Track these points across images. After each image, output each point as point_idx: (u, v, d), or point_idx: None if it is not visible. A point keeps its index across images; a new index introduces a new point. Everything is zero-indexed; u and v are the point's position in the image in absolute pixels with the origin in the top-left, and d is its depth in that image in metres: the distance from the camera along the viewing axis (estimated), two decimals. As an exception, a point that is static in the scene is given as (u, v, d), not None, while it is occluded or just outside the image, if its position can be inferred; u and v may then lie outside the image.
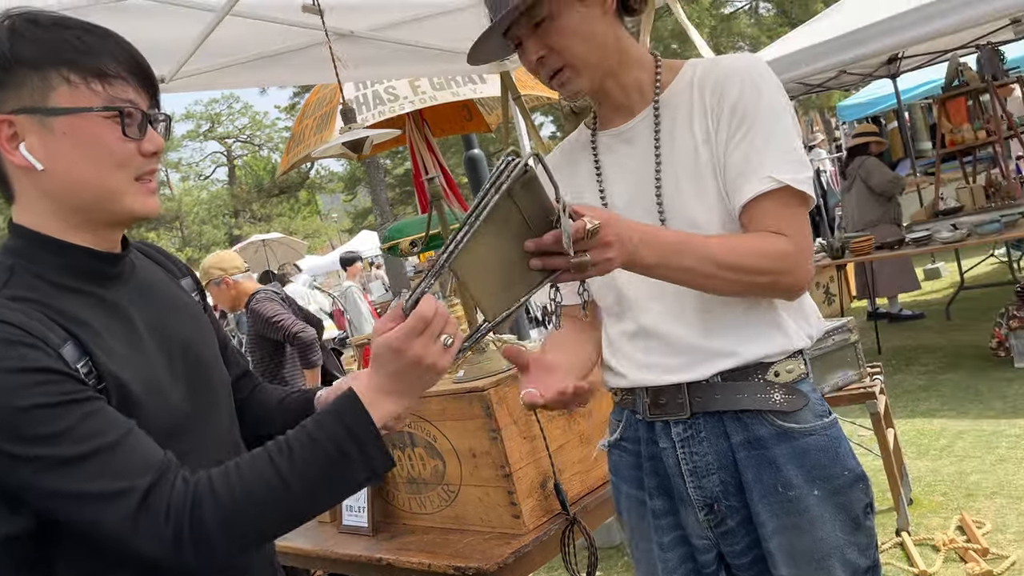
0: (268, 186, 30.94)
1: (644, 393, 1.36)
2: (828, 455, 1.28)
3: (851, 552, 1.29)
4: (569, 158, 1.45)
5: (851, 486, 1.29)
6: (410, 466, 2.11)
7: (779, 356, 1.29)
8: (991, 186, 6.17)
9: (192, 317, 1.21)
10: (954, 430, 4.20)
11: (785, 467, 1.26)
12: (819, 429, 1.28)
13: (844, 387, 3.31)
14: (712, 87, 1.27)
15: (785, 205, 1.23)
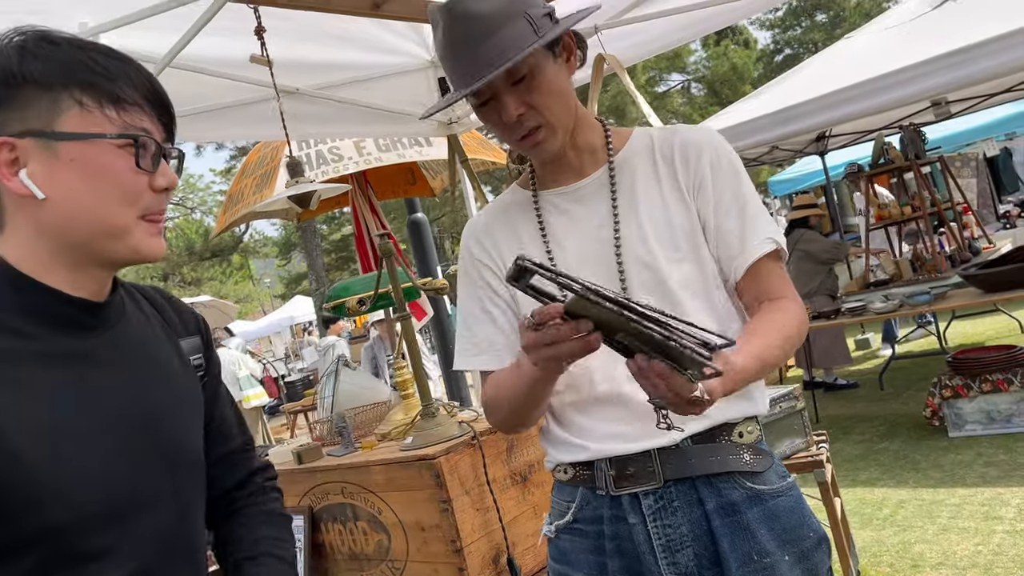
0: (200, 249, 30.30)
1: (607, 465, 1.28)
2: (796, 517, 1.26)
3: None
4: (505, 218, 1.39)
5: (816, 548, 1.27)
6: (351, 541, 1.97)
7: (739, 418, 1.28)
8: (917, 259, 6.39)
9: (174, 387, 1.09)
10: (895, 499, 4.21)
11: (759, 532, 1.23)
12: (785, 490, 1.28)
13: (792, 455, 3.28)
14: (680, 155, 1.30)
15: (780, 265, 1.30)
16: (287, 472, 2.09)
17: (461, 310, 1.40)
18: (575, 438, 1.30)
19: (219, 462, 1.21)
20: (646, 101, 3.34)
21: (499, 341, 1.35)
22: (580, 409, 1.29)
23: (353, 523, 1.95)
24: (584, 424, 1.29)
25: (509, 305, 1.36)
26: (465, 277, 1.40)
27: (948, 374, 4.87)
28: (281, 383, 9.45)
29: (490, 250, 1.37)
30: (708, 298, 1.28)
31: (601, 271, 1.27)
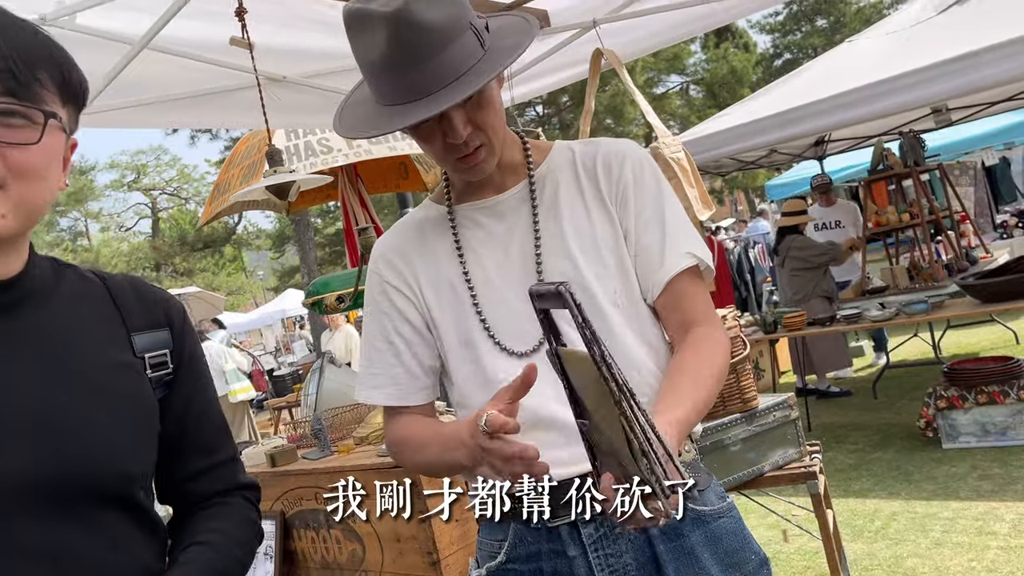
0: (192, 240, 30.15)
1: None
2: (738, 539, 1.22)
3: None
4: (418, 236, 1.31)
5: (757, 572, 1.23)
6: (324, 549, 1.88)
7: None
8: (914, 268, 6.33)
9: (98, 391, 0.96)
10: (887, 511, 4.13)
11: (703, 557, 1.18)
12: (725, 511, 1.24)
13: (785, 465, 3.20)
14: (603, 166, 1.26)
15: (700, 283, 1.25)
16: (259, 475, 2.00)
17: (365, 339, 1.32)
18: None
19: (198, 476, 1.09)
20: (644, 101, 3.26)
21: (400, 376, 1.27)
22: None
23: (327, 531, 1.87)
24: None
25: (417, 333, 1.28)
26: (371, 303, 1.31)
27: (943, 384, 4.80)
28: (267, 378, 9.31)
29: (403, 272, 1.28)
30: (636, 313, 1.24)
31: (520, 288, 1.19)
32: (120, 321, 1.04)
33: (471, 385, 1.24)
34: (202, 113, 2.85)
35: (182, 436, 1.07)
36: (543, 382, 1.16)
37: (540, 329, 1.17)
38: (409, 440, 1.23)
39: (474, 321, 1.22)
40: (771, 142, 6.20)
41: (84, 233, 34.15)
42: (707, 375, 1.15)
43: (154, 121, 2.71)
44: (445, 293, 1.25)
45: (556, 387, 1.15)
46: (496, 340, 1.21)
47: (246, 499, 1.14)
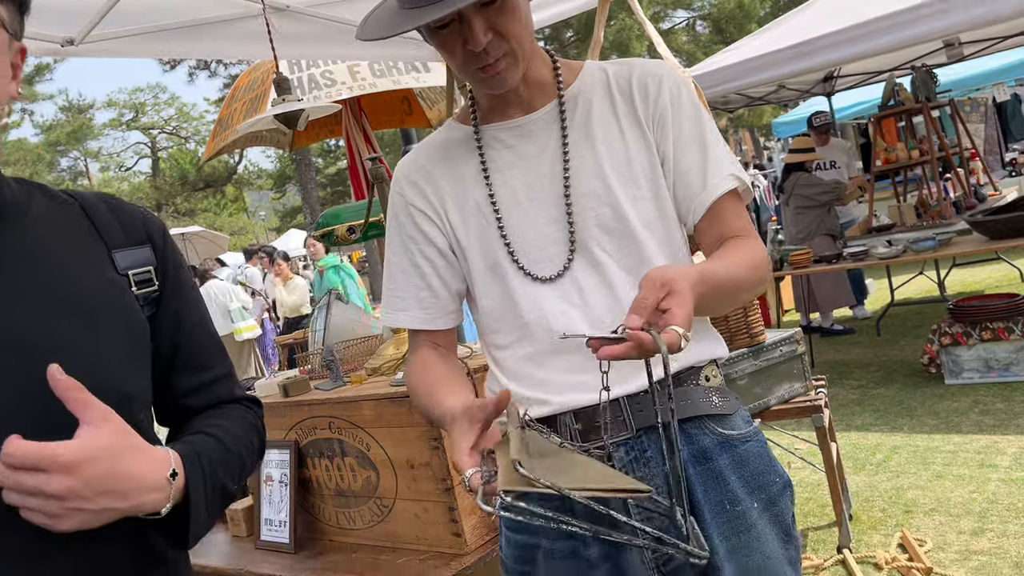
0: (193, 180, 29.97)
1: (572, 419, 1.18)
2: (763, 462, 1.23)
3: (787, 567, 1.22)
4: (443, 156, 1.28)
5: (782, 494, 1.24)
6: (339, 477, 1.91)
7: (704, 360, 1.23)
8: (922, 205, 6.28)
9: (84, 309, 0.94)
10: (889, 445, 4.18)
11: (730, 479, 1.19)
12: (752, 435, 1.24)
13: (791, 399, 3.23)
14: (639, 88, 1.22)
15: (741, 204, 1.23)
16: (273, 405, 2.01)
17: (389, 262, 1.30)
18: (532, 392, 1.20)
19: (193, 392, 1.08)
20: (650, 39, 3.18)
21: (427, 298, 1.26)
22: (537, 361, 1.20)
23: (341, 459, 1.89)
24: (542, 377, 1.20)
25: (443, 256, 1.26)
26: (395, 225, 1.29)
27: (948, 321, 4.81)
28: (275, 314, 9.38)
29: (428, 194, 1.26)
30: (669, 238, 1.22)
31: (549, 208, 1.19)
32: (98, 238, 1.00)
33: (498, 312, 1.22)
34: (202, 44, 2.78)
35: (175, 354, 1.06)
36: (570, 306, 1.17)
37: (567, 253, 1.18)
38: (417, 388, 1.23)
39: (499, 245, 1.20)
40: (779, 77, 6.09)
41: (84, 173, 33.90)
42: (740, 260, 1.13)
43: (153, 50, 2.65)
44: (471, 216, 1.22)
45: (584, 311, 1.17)
46: (520, 265, 1.19)
47: (246, 407, 1.13)
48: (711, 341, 1.25)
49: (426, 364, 1.25)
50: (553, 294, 1.18)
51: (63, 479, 0.80)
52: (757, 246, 1.19)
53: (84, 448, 0.82)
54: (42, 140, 30.38)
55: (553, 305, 1.18)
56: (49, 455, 0.80)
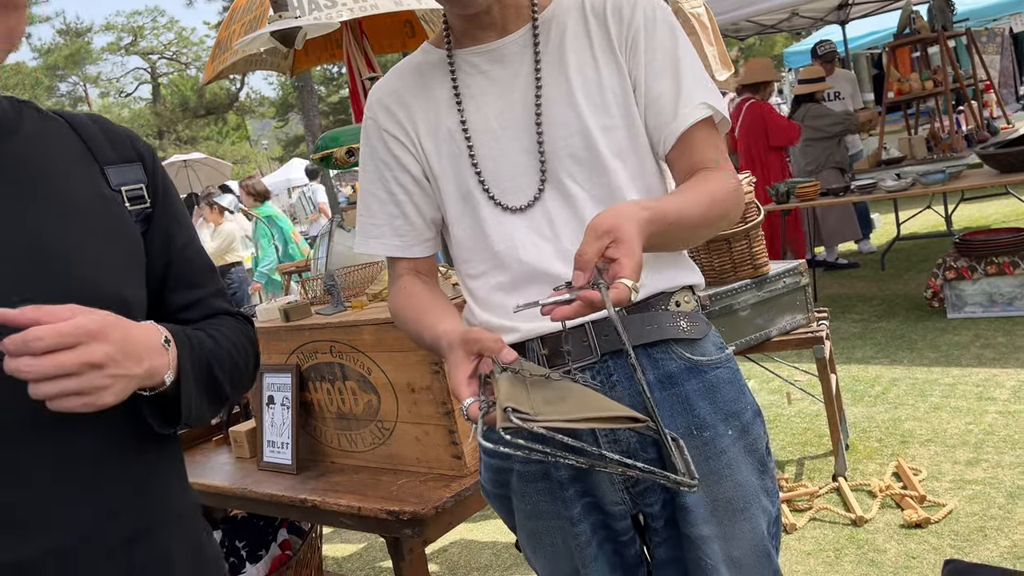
0: (194, 106, 29.59)
1: (539, 344, 1.18)
2: (734, 388, 1.21)
3: (763, 498, 1.21)
4: (417, 81, 1.24)
5: (753, 421, 1.22)
6: (340, 401, 1.92)
7: (676, 287, 1.21)
8: (933, 138, 6.18)
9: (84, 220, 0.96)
10: (888, 377, 4.21)
11: (698, 405, 1.17)
12: (723, 362, 1.22)
13: (792, 331, 3.23)
14: (612, 10, 1.18)
15: (714, 134, 1.18)
16: (274, 330, 2.02)
17: (363, 188, 1.28)
18: (503, 321, 1.19)
19: (187, 308, 1.11)
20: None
21: (402, 226, 1.24)
22: (508, 290, 1.19)
23: (342, 383, 1.90)
24: (512, 305, 1.15)
25: (417, 183, 1.24)
26: (369, 151, 1.26)
27: (953, 255, 4.78)
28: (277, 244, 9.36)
29: (401, 120, 1.23)
30: (641, 169, 1.19)
31: (521, 137, 1.16)
32: (90, 155, 1.02)
33: (469, 242, 1.21)
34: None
35: (167, 271, 1.07)
36: (540, 237, 1.16)
37: (537, 183, 1.16)
38: (402, 314, 1.22)
39: (470, 174, 1.18)
40: (792, 3, 5.94)
41: (84, 98, 33.46)
42: (699, 195, 1.10)
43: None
44: (444, 143, 1.20)
45: (555, 243, 1.15)
46: (491, 195, 1.17)
47: (239, 320, 1.16)
48: (683, 270, 1.22)
49: (410, 291, 1.24)
50: (524, 224, 1.16)
51: (101, 345, 0.82)
52: (723, 179, 1.14)
53: (98, 317, 0.84)
54: (40, 64, 29.91)
55: (523, 236, 1.16)
56: (78, 325, 0.81)
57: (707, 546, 1.15)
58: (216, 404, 1.09)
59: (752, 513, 1.18)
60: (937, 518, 2.78)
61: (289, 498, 1.83)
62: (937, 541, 2.68)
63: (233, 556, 2.35)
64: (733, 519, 1.17)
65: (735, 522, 1.17)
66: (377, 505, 1.68)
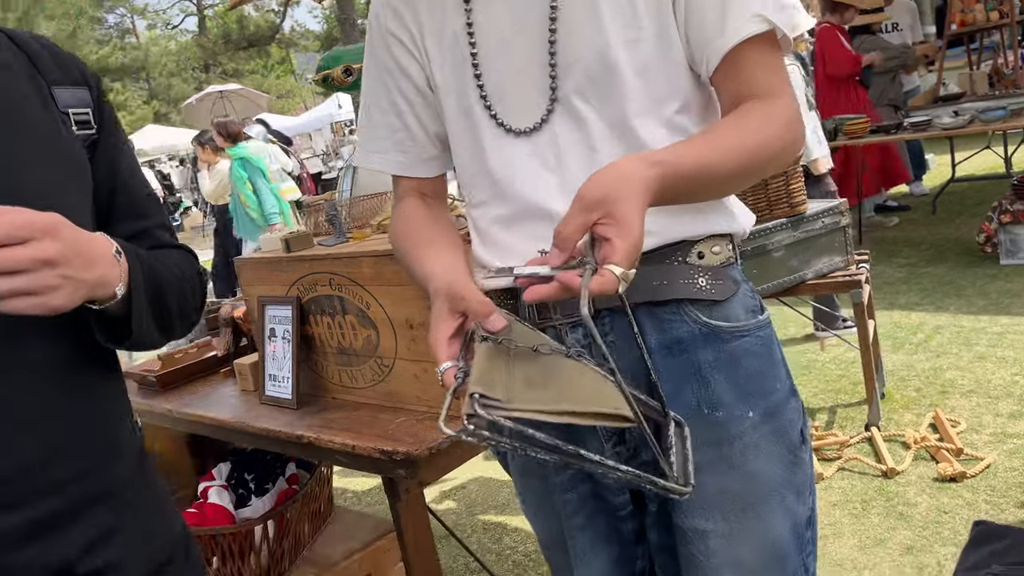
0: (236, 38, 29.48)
1: None
2: (763, 363, 1.02)
3: (789, 494, 1.02)
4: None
5: (786, 403, 1.03)
6: (340, 335, 1.85)
7: (702, 235, 1.01)
8: (996, 74, 5.83)
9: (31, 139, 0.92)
10: (932, 324, 4.03)
11: (712, 379, 0.99)
12: (752, 328, 1.02)
13: (829, 274, 3.07)
14: None
15: (772, 52, 0.96)
16: (275, 260, 1.95)
17: (364, 95, 1.15)
18: (497, 260, 1.06)
19: (133, 238, 1.04)
20: None
21: (404, 140, 1.11)
22: (505, 224, 1.05)
23: (342, 317, 1.82)
24: (508, 243, 1.05)
25: (420, 93, 1.09)
26: (371, 55, 1.12)
27: (1010, 198, 4.52)
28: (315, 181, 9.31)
29: (406, 19, 1.07)
30: (670, 88, 0.99)
31: (532, 48, 0.99)
32: (36, 73, 0.96)
33: (471, 166, 1.07)
34: None
35: (112, 201, 1.03)
36: (545, 167, 1.01)
37: (546, 103, 1.00)
38: (398, 243, 1.10)
39: (472, 87, 1.03)
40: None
41: (132, 30, 33.57)
42: (736, 137, 0.91)
43: None
44: (448, 48, 1.04)
45: (560, 175, 1.00)
46: (493, 113, 1.02)
47: (184, 253, 1.11)
48: (715, 213, 1.02)
49: (409, 217, 1.12)
50: (527, 151, 1.01)
51: (53, 243, 0.78)
52: (774, 114, 0.94)
53: (48, 215, 0.80)
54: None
55: (525, 164, 1.01)
56: (30, 220, 0.77)
57: (702, 542, 1.01)
58: (163, 332, 1.05)
59: (766, 511, 1.01)
60: (974, 472, 2.65)
61: (286, 434, 1.78)
62: (972, 496, 2.55)
63: (242, 488, 2.33)
64: (741, 515, 1.01)
65: (743, 519, 1.01)
66: (371, 444, 1.61)
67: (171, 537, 1.04)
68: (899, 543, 2.40)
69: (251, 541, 2.09)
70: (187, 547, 1.09)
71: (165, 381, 2.29)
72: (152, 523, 1.00)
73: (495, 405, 0.77)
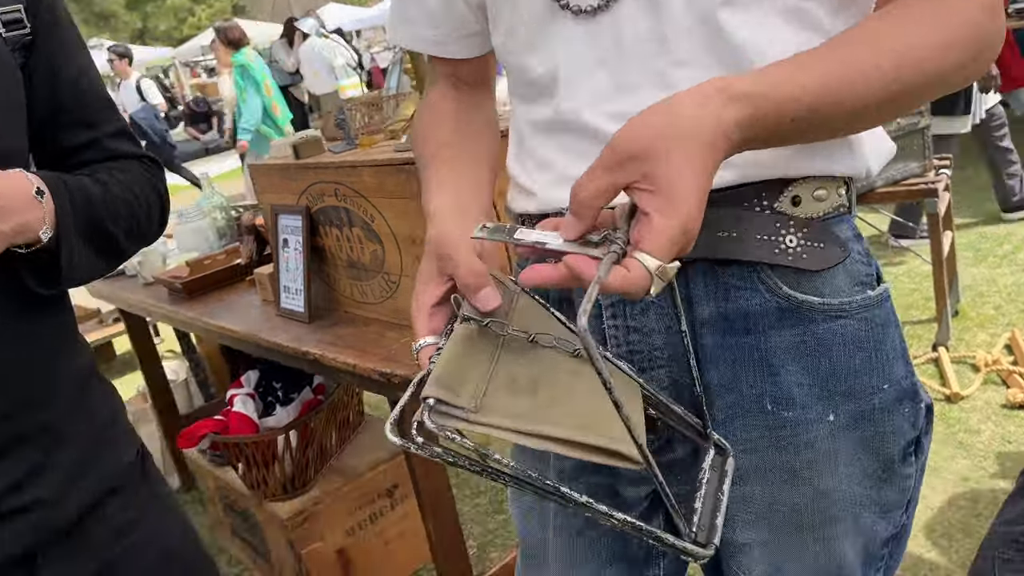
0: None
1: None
2: (865, 355, 0.74)
3: (868, 514, 0.78)
4: None
5: (892, 410, 0.76)
6: (348, 248, 1.76)
7: (804, 175, 0.71)
8: None
9: None
10: (1021, 235, 3.70)
11: (784, 369, 0.73)
12: (857, 308, 0.74)
13: (902, 180, 2.81)
14: None
15: None
16: (284, 167, 1.85)
17: None
18: (524, 178, 0.83)
19: (82, 149, 0.97)
20: None
21: (437, 11, 0.87)
22: (546, 131, 0.79)
23: (349, 229, 1.73)
24: (542, 156, 0.80)
25: None
26: None
27: None
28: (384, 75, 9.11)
29: None
30: None
31: None
32: None
33: (513, 49, 0.80)
34: None
35: (55, 109, 0.94)
36: (599, 64, 0.73)
37: None
38: (419, 145, 0.88)
39: None
40: None
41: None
42: (884, 44, 0.62)
43: None
44: None
45: (615, 75, 0.72)
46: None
47: (145, 165, 1.02)
48: (831, 146, 0.71)
49: (435, 110, 0.90)
50: (583, 38, 0.73)
51: None
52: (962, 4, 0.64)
53: None
54: None
55: (575, 54, 0.74)
56: None
57: (744, 555, 0.80)
58: (110, 258, 0.97)
59: (833, 534, 0.77)
60: (1047, 400, 2.44)
61: (293, 349, 1.73)
62: (1042, 426, 2.36)
63: (270, 395, 2.33)
64: (798, 534, 0.78)
65: (799, 537, 0.78)
66: (371, 365, 1.54)
67: (117, 467, 0.99)
68: (955, 472, 2.24)
69: (274, 450, 2.09)
70: (144, 470, 1.05)
71: (191, 288, 2.27)
72: (91, 456, 0.95)
73: (455, 415, 0.59)
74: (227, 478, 2.33)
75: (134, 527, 0.99)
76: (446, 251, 0.70)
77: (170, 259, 2.57)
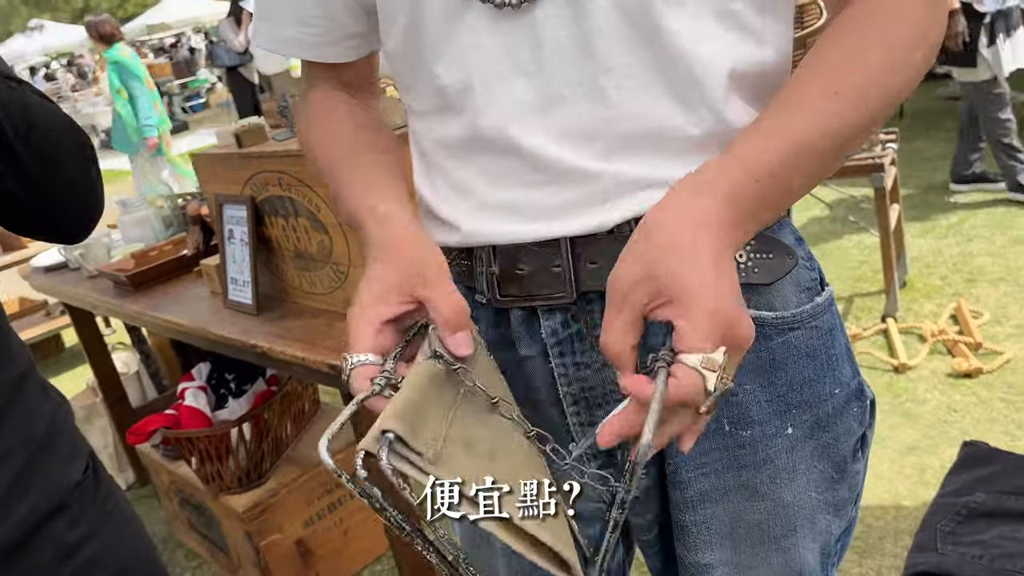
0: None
1: (490, 258, 0.73)
2: (817, 363, 0.73)
3: (823, 516, 0.78)
4: None
5: (843, 412, 0.76)
6: (295, 239, 1.73)
7: None
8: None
9: None
10: (966, 205, 3.78)
11: (742, 389, 0.72)
12: (806, 318, 0.72)
13: (849, 157, 2.85)
14: None
15: None
16: (227, 156, 1.81)
17: None
18: (441, 208, 0.75)
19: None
20: None
21: (309, 9, 0.77)
22: (459, 152, 0.72)
23: (295, 219, 1.70)
24: (459, 180, 0.73)
25: None
26: None
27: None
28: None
29: None
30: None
31: None
32: None
33: (409, 58, 0.72)
34: None
35: None
36: (516, 69, 0.66)
37: None
38: (312, 154, 0.82)
39: None
40: None
41: None
42: (855, 75, 0.60)
43: None
44: None
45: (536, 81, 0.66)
46: None
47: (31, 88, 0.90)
48: None
49: (328, 113, 0.81)
50: (496, 39, 0.66)
51: None
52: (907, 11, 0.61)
53: None
54: None
55: (489, 58, 0.66)
56: None
57: (707, 574, 0.79)
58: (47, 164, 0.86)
59: (793, 542, 0.77)
60: (991, 368, 2.51)
61: (242, 342, 1.70)
62: (987, 393, 2.42)
63: (223, 387, 2.30)
64: (760, 548, 0.77)
65: (762, 550, 0.77)
66: (320, 357, 1.52)
67: (62, 482, 0.95)
68: (901, 442, 2.30)
69: (227, 443, 2.06)
70: (96, 480, 1.01)
71: (137, 281, 2.21)
72: (29, 471, 0.92)
73: (412, 460, 0.54)
74: (181, 472, 2.29)
75: (84, 544, 0.95)
76: (424, 272, 0.63)
77: (114, 251, 2.50)
